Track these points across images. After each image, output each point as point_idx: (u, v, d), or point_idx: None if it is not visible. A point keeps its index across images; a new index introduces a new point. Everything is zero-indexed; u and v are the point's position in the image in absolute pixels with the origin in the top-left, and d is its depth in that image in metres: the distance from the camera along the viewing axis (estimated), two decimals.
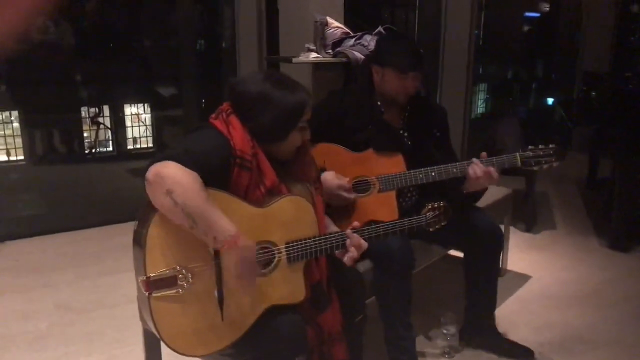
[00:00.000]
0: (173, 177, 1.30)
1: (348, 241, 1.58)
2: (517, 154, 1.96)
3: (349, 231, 1.60)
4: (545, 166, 1.96)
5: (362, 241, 1.61)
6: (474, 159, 1.97)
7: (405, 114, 2.14)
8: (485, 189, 2.10)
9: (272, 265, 1.48)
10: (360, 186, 2.04)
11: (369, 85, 2.11)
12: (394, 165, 2.01)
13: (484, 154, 2.00)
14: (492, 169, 1.94)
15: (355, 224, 1.64)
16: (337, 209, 1.96)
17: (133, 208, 1.46)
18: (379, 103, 2.10)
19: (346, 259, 1.59)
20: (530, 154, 1.96)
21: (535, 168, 1.96)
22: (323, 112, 2.08)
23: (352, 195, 1.95)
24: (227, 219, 1.35)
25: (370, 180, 2.02)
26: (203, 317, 1.39)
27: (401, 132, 2.13)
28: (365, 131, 2.04)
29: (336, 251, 1.59)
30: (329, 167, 1.99)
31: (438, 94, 5.08)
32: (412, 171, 1.99)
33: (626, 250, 3.32)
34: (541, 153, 1.96)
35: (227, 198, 1.41)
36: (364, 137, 2.03)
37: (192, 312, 1.38)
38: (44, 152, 4.95)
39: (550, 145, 1.96)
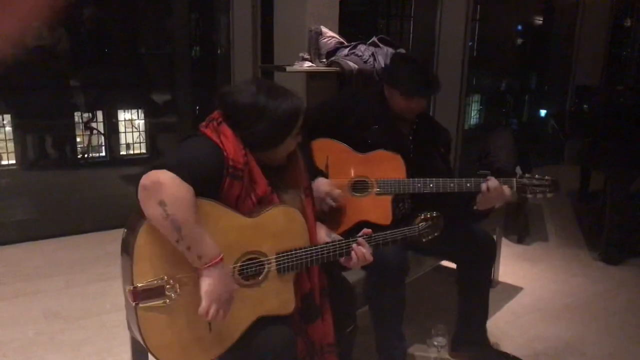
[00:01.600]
0: (169, 187, 1.29)
1: (355, 246, 1.59)
2: (514, 179, 2.00)
3: (361, 239, 1.61)
4: (539, 196, 1.99)
5: (369, 255, 1.61)
6: (489, 177, 1.99)
7: (414, 127, 2.18)
8: (492, 210, 2.09)
9: (262, 276, 1.47)
10: (359, 186, 2.06)
11: (382, 93, 2.15)
12: (395, 170, 2.04)
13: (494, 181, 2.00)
14: (506, 187, 1.96)
15: (367, 230, 1.65)
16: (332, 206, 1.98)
17: (125, 214, 1.45)
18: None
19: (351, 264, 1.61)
20: (526, 181, 2.00)
21: (528, 196, 2.00)
22: (336, 104, 2.15)
23: (334, 205, 1.97)
24: (214, 238, 1.35)
25: (369, 181, 2.05)
26: (191, 328, 1.38)
27: (410, 137, 2.16)
28: (374, 129, 2.08)
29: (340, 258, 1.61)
30: (332, 164, 2.03)
31: (432, 105, 5.10)
32: (411, 179, 2.02)
33: (618, 262, 3.33)
34: (536, 183, 2.00)
35: (217, 207, 1.40)
36: (372, 134, 2.07)
37: (180, 323, 1.37)
38: (36, 157, 4.92)
39: (546, 177, 2.00)
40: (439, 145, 2.22)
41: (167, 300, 1.35)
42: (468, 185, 1.99)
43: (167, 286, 1.35)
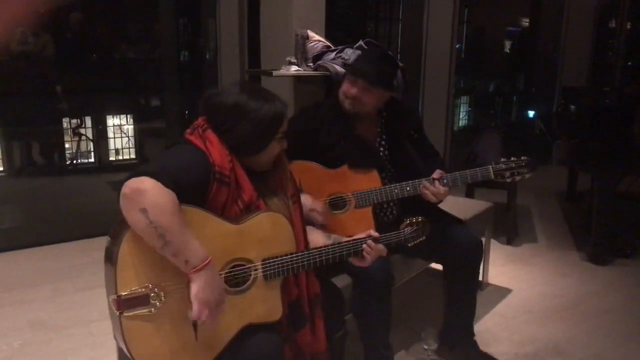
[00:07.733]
0: (150, 194, 1.28)
1: (365, 247, 1.63)
2: (490, 166, 1.98)
3: (370, 242, 1.63)
4: (517, 178, 1.99)
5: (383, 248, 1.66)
6: (424, 180, 1.98)
7: (379, 129, 2.15)
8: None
9: (249, 283, 1.46)
10: (337, 203, 2.03)
11: (340, 102, 2.11)
12: (369, 180, 2.01)
13: None
14: (441, 189, 1.96)
15: (374, 233, 1.65)
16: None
17: (113, 221, 1.44)
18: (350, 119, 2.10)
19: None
20: (503, 166, 1.98)
21: (508, 180, 1.98)
22: (296, 128, 2.07)
23: (322, 218, 1.94)
24: (200, 243, 1.33)
25: (346, 196, 2.02)
26: (176, 337, 1.37)
27: (377, 145, 2.14)
28: (339, 148, 2.04)
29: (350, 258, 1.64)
30: (305, 185, 1.98)
31: (420, 106, 5.12)
32: (387, 186, 2.00)
33: (605, 263, 3.35)
34: (513, 165, 1.98)
35: (202, 214, 1.39)
36: (337, 154, 2.03)
37: (165, 332, 1.35)
38: (24, 164, 4.88)
39: (523, 157, 1.99)
40: (411, 132, 2.17)
41: (152, 309, 1.33)
42: (444, 182, 1.98)
43: (152, 294, 1.33)
